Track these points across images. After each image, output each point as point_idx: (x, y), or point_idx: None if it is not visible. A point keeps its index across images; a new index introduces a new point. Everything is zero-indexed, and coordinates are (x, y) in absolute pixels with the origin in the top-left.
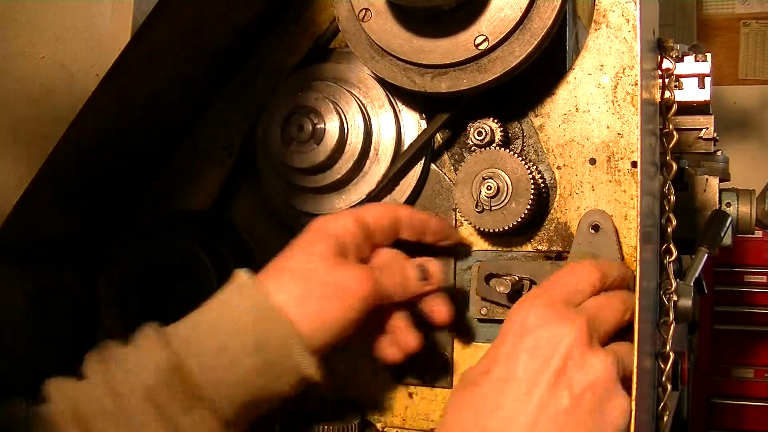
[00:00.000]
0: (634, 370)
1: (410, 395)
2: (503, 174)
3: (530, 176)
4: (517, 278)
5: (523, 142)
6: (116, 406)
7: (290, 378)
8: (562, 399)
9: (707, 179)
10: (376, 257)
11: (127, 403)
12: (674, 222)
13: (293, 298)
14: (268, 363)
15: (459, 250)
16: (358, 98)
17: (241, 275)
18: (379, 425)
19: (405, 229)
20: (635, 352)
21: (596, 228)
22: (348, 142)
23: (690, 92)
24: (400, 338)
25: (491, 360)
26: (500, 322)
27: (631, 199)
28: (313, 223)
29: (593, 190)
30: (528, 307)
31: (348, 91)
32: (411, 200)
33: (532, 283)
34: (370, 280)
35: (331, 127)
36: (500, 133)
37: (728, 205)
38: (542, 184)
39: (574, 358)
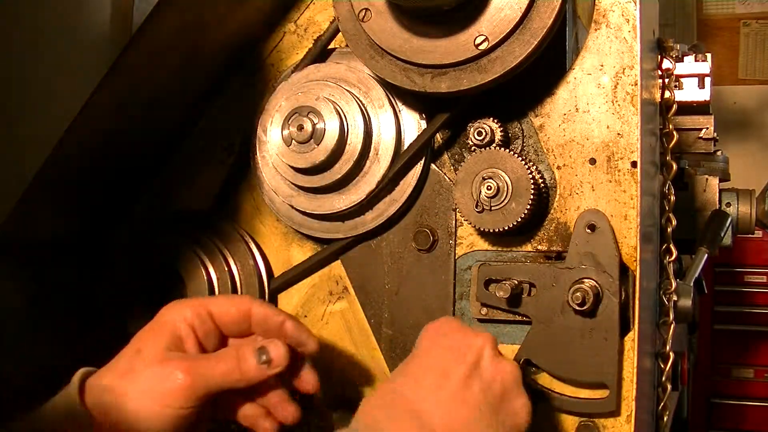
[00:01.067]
0: (634, 370)
1: None
2: (503, 174)
3: (530, 176)
4: (516, 282)
5: (523, 142)
6: None
7: None
8: (474, 385)
9: (707, 179)
10: (222, 345)
11: None
12: (674, 222)
13: (112, 401)
14: None
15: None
16: (358, 98)
17: (74, 378)
18: None
19: (256, 326)
20: (635, 352)
21: (592, 228)
22: (348, 142)
23: (690, 92)
24: (278, 413)
25: (407, 360)
26: (500, 322)
27: (631, 199)
28: (158, 314)
29: (593, 190)
30: (440, 321)
31: (348, 91)
32: (411, 200)
33: (532, 286)
34: (187, 377)
35: (331, 127)
36: (500, 133)
37: (728, 205)
38: (542, 184)
39: (486, 358)
